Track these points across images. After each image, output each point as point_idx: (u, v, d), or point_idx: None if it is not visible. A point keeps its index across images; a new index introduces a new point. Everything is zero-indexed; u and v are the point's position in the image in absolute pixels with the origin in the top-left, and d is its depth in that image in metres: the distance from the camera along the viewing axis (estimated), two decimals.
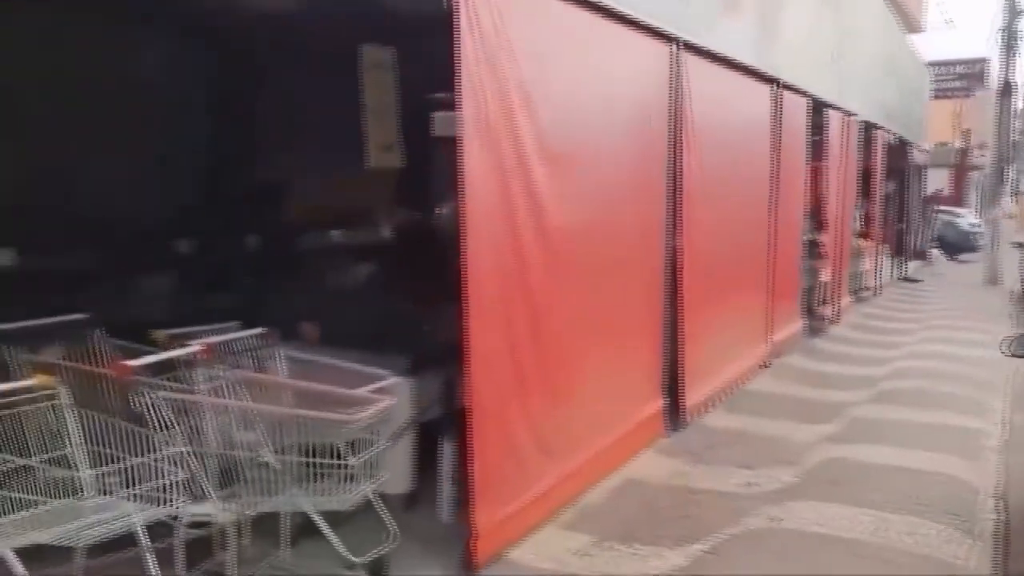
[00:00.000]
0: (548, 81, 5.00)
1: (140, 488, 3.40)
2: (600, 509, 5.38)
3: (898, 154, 18.74)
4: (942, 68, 35.09)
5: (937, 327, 12.64)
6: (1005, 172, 22.91)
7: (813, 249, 11.92)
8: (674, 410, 6.99)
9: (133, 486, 3.51)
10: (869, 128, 14.89)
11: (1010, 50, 20.53)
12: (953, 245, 25.71)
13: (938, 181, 29.66)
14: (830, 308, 12.57)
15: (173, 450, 3.45)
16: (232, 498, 3.92)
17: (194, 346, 4.29)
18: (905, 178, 20.41)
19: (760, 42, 8.80)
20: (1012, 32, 20.40)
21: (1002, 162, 21.94)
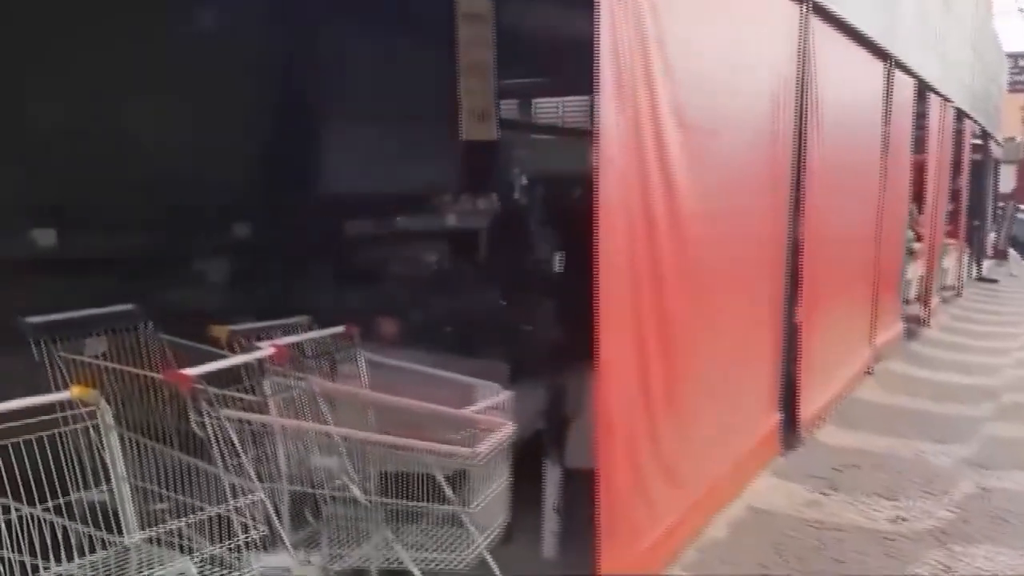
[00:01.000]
0: (681, 44, 4.15)
1: (203, 543, 2.60)
2: (727, 548, 4.54)
3: (978, 146, 17.68)
4: (1009, 59, 33.52)
5: None
6: None
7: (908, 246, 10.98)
8: (788, 425, 6.13)
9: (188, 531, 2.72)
10: (960, 117, 13.85)
11: None
12: None
13: (1006, 177, 28.36)
14: (922, 309, 11.60)
15: (249, 499, 2.64)
16: (311, 546, 3.13)
17: (264, 348, 3.53)
18: (982, 172, 19.28)
19: (876, 11, 7.86)
20: None
21: None
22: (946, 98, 11.80)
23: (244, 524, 2.57)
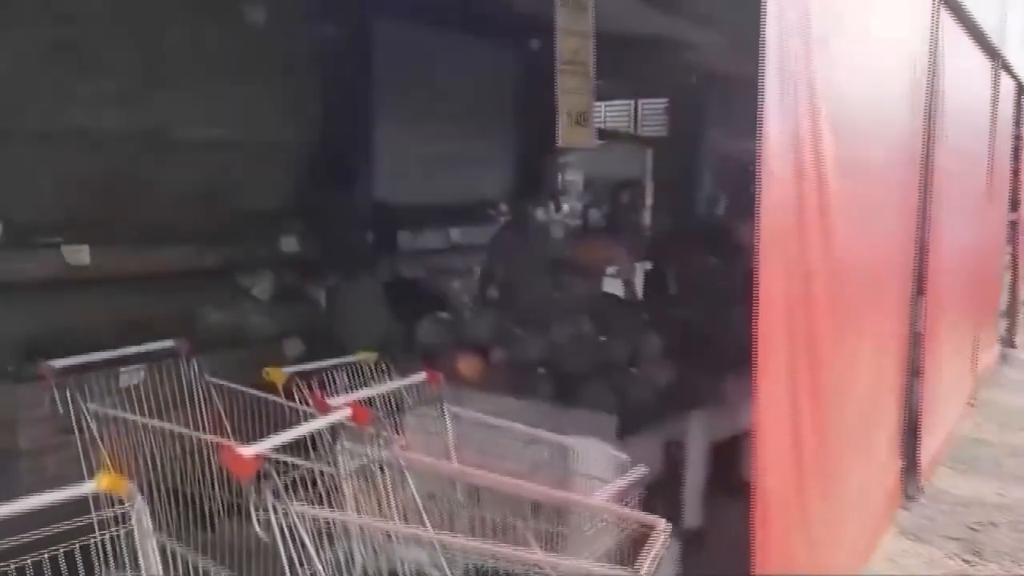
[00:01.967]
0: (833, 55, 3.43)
1: None
2: None
3: None
4: None
5: None
6: None
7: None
8: (910, 472, 5.38)
9: None
10: None
11: None
12: None
13: None
14: (1009, 327, 10.75)
15: None
16: None
17: (340, 406, 2.85)
18: None
19: (992, 3, 7.08)
20: None
21: None
22: None
23: None
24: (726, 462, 3.68)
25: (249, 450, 2.29)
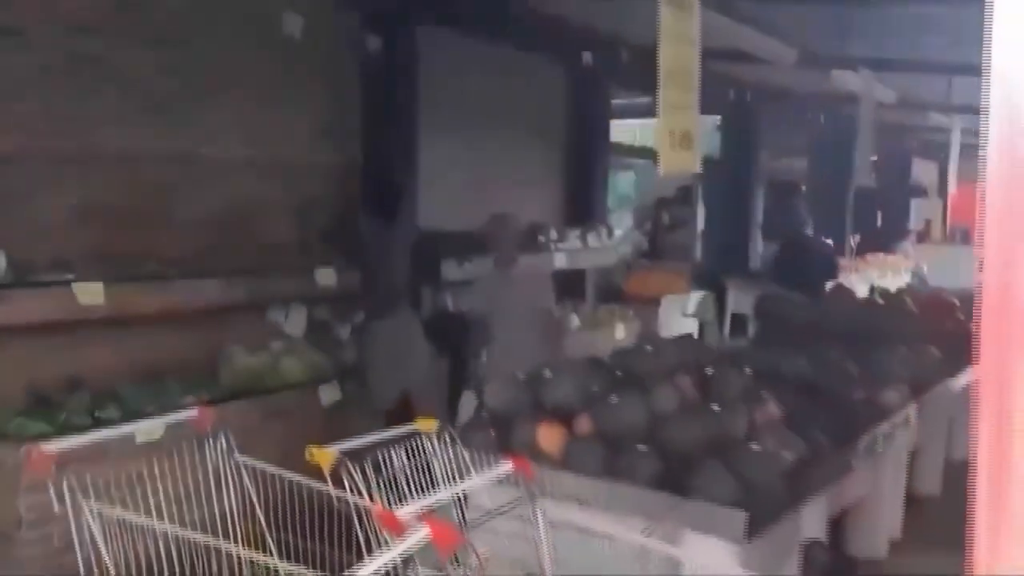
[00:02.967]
0: None
1: None
2: None
3: None
4: None
5: None
6: None
7: None
8: None
9: None
10: None
11: None
12: None
13: None
14: None
15: None
16: None
17: (415, 524, 2.17)
18: None
19: None
20: None
21: None
22: None
23: None
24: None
25: None
